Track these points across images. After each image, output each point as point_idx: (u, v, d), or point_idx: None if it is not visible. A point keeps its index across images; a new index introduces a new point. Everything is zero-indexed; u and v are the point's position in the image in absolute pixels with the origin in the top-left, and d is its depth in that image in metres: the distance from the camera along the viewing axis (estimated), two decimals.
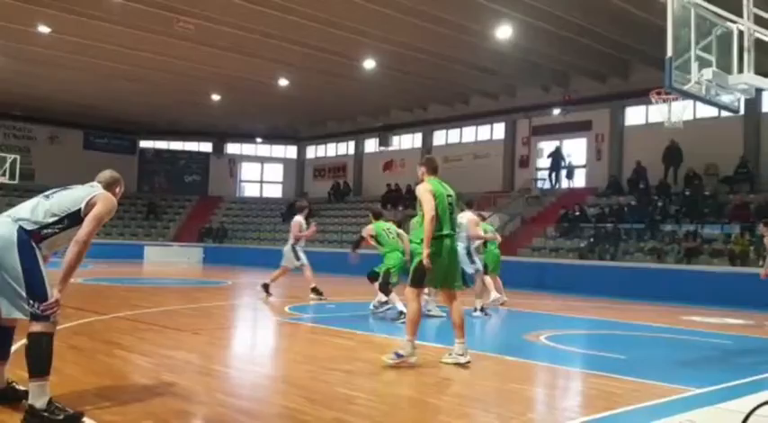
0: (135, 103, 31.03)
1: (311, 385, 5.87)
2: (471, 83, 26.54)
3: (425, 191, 6.89)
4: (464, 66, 23.93)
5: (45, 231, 4.48)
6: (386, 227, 11.07)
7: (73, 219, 4.54)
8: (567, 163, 26.61)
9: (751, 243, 18.16)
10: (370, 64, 23.55)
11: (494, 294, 13.74)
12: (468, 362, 6.86)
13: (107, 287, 15.63)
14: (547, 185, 27.15)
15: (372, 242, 11.07)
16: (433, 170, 7.16)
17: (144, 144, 38.98)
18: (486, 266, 14.65)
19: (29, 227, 4.44)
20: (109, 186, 4.90)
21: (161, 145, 39.35)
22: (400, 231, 11.11)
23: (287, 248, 13.94)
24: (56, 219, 4.51)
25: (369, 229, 11.10)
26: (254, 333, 10.28)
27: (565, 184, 26.58)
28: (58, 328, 4.53)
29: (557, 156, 26.62)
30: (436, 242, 6.81)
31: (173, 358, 6.84)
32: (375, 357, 7.24)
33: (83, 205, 4.58)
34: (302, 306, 12.14)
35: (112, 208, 4.71)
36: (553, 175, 26.71)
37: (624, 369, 7.34)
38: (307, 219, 14.56)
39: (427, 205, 6.77)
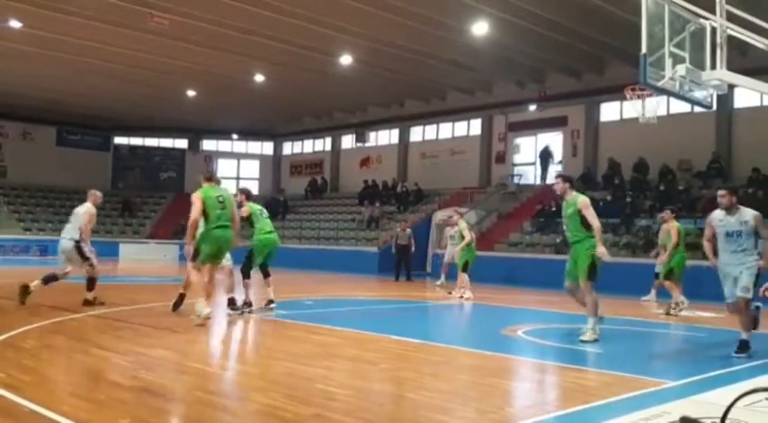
0: (109, 99, 30.68)
1: (291, 382, 5.86)
2: (448, 79, 26.58)
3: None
4: (440, 62, 23.97)
5: None
6: (258, 208, 11.73)
7: None
8: (556, 161, 26.75)
9: None
10: (346, 60, 23.49)
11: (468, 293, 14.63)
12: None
13: (82, 285, 15.43)
14: (528, 181, 27.43)
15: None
16: None
17: (118, 140, 38.59)
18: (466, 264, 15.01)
19: None
20: None
21: (136, 141, 38.98)
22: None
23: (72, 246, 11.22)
24: None
25: (244, 211, 11.35)
26: (232, 330, 10.23)
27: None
28: (30, 326, 4.49)
29: (546, 154, 26.76)
30: None
31: (150, 356, 6.78)
32: (355, 354, 7.26)
33: None
34: (280, 303, 12.10)
35: None
36: (545, 171, 26.85)
37: (600, 362, 7.43)
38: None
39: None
